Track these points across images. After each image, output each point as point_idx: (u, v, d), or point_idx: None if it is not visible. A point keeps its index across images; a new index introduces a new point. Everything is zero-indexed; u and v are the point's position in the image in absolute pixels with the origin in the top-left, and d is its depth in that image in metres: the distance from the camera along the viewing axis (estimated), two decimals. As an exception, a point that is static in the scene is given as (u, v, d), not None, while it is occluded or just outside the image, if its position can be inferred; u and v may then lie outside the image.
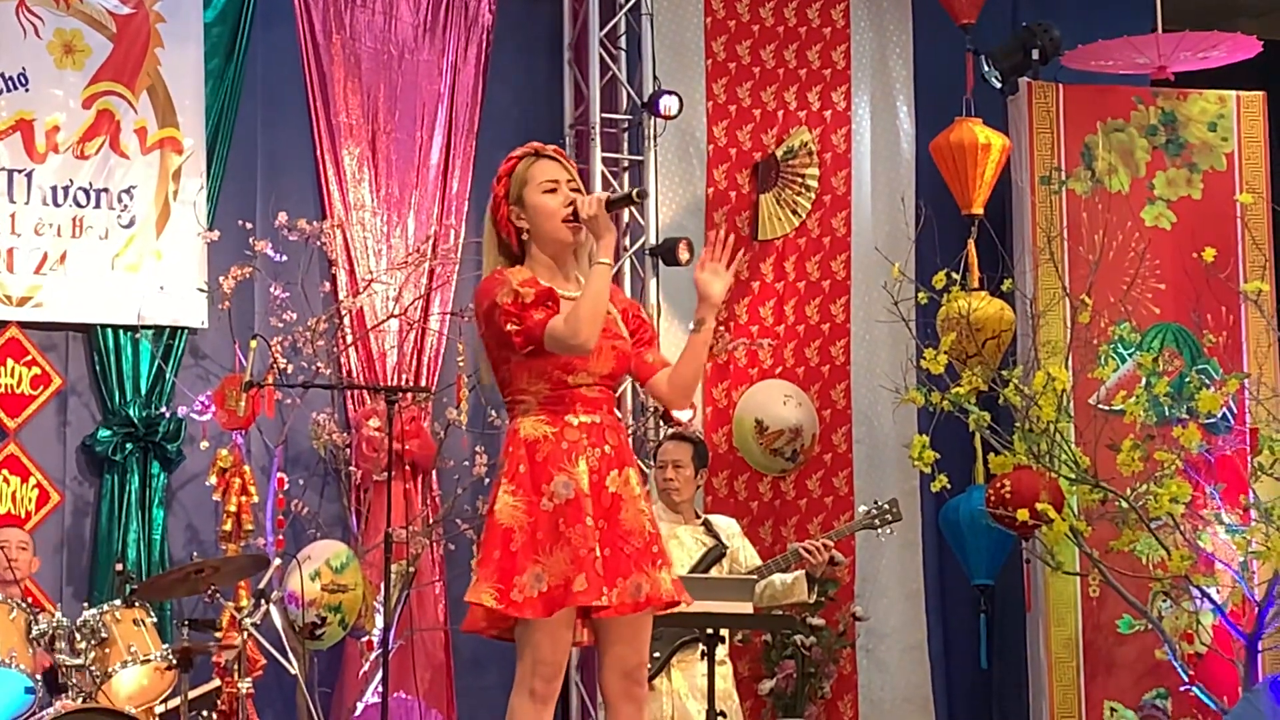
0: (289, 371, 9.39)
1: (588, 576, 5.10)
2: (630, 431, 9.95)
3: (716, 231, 5.47)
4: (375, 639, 9.37)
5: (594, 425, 5.26)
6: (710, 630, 7.03)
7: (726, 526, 8.35)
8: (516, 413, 5.33)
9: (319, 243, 9.72)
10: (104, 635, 8.03)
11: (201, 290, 9.61)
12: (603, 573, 5.12)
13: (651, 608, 5.25)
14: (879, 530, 8.27)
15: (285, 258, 9.65)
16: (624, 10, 10.61)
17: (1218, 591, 9.76)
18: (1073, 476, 9.45)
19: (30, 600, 8.46)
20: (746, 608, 7.43)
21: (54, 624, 7.99)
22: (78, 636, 8.02)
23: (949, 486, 9.52)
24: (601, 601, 5.11)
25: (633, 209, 10.41)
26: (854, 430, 11.08)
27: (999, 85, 11.10)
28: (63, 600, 9.02)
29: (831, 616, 10.64)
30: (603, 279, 5.19)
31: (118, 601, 8.21)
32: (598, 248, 5.23)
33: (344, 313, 9.85)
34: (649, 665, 5.70)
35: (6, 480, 9.31)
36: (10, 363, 9.38)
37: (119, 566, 8.85)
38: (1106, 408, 10.10)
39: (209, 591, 8.02)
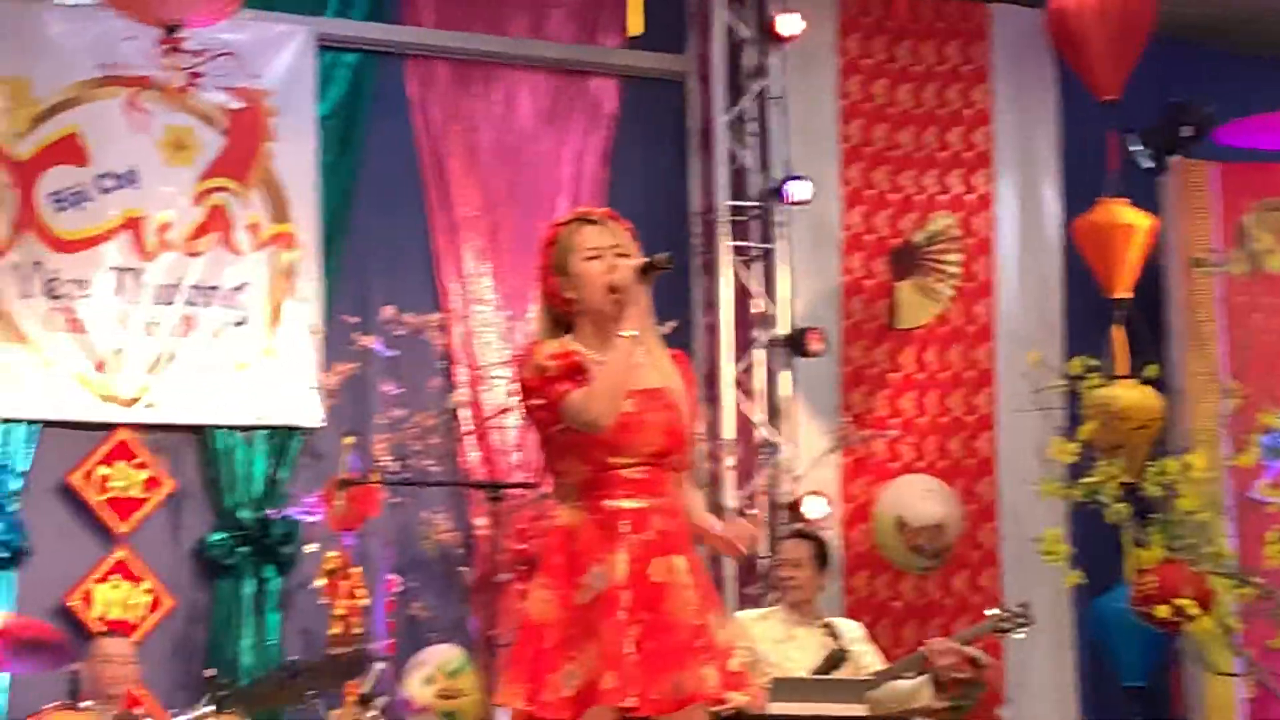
0: (400, 470, 9.14)
1: (616, 674, 4.71)
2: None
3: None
4: (494, 745, 9.06)
5: (639, 511, 4.86)
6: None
7: (849, 630, 8.01)
8: (557, 498, 5.01)
9: (432, 337, 9.50)
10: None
11: (313, 388, 9.37)
12: (637, 670, 4.73)
13: (695, 705, 4.81)
14: (1010, 634, 7.91)
15: (398, 353, 9.42)
16: (752, 95, 10.29)
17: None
18: (1216, 570, 8.93)
19: (129, 709, 8.21)
20: (859, 709, 7.23)
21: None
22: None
23: (1085, 582, 9.03)
24: (629, 702, 4.71)
25: (765, 299, 10.12)
26: (1000, 526, 10.61)
27: (1149, 165, 10.68)
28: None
29: (978, 721, 10.17)
30: (624, 353, 4.85)
31: (210, 709, 7.91)
32: (624, 318, 4.90)
33: (457, 408, 9.59)
34: None
35: (117, 586, 9.10)
36: (121, 465, 9.17)
37: (209, 673, 8.57)
38: (1260, 498, 9.64)
39: (310, 697, 7.72)
